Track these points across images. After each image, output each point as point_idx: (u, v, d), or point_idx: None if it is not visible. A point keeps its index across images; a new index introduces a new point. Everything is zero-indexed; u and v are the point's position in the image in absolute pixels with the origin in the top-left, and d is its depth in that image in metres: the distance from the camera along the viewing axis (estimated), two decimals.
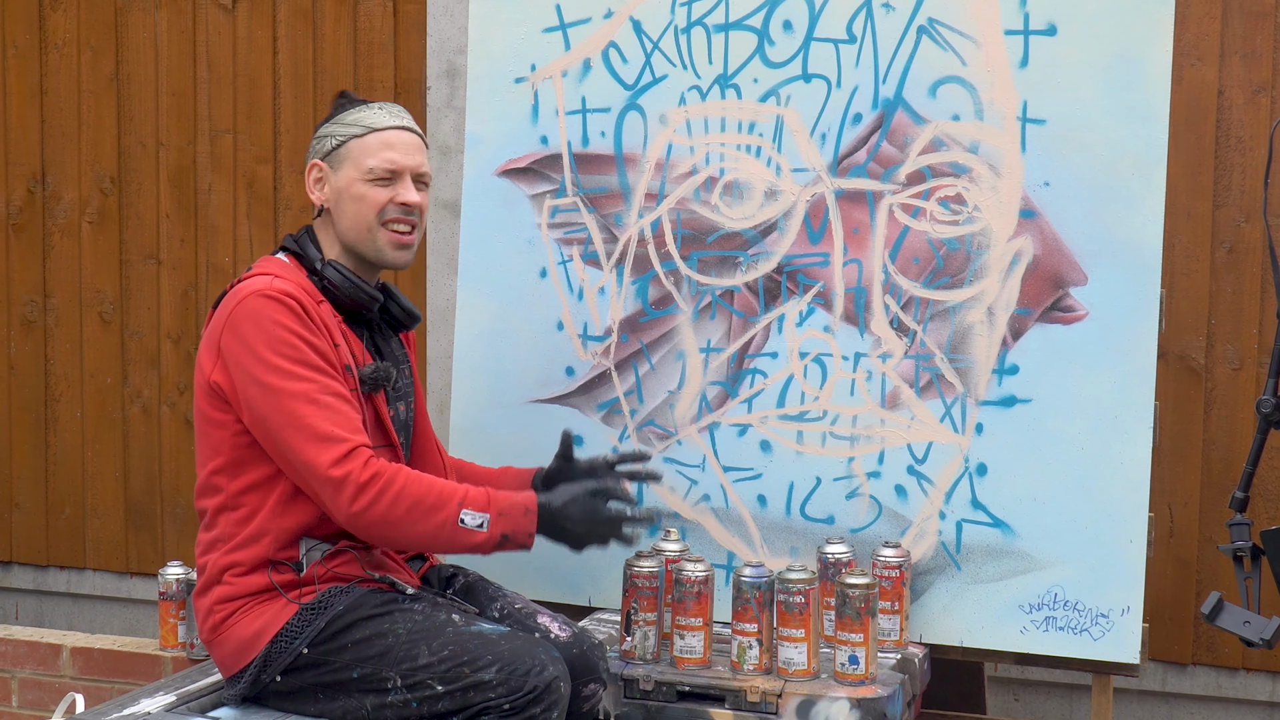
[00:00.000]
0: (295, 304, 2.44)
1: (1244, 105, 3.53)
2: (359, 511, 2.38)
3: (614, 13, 3.20)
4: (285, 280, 2.49)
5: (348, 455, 2.37)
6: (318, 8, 4.25)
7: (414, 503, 2.39)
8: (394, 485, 2.38)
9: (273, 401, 2.40)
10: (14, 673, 3.68)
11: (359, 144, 2.58)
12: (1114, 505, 2.87)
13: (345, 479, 2.36)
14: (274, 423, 2.40)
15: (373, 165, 2.57)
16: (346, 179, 2.58)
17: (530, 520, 2.44)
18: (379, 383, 2.55)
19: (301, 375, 2.40)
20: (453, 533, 2.41)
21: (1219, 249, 3.57)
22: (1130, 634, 2.87)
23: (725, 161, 3.13)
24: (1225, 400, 3.58)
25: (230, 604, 2.50)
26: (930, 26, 3.00)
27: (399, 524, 2.40)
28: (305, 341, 2.43)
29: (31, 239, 4.57)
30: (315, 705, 2.48)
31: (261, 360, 2.41)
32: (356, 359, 2.55)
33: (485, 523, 2.41)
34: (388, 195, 2.58)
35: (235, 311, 2.45)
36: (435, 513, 2.40)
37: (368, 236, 2.58)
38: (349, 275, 2.57)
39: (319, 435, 2.38)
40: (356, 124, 2.59)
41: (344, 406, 2.42)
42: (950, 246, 2.99)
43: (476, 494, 2.43)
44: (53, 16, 4.50)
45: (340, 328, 2.55)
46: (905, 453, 3.01)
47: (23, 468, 4.62)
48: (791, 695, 2.68)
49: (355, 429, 2.42)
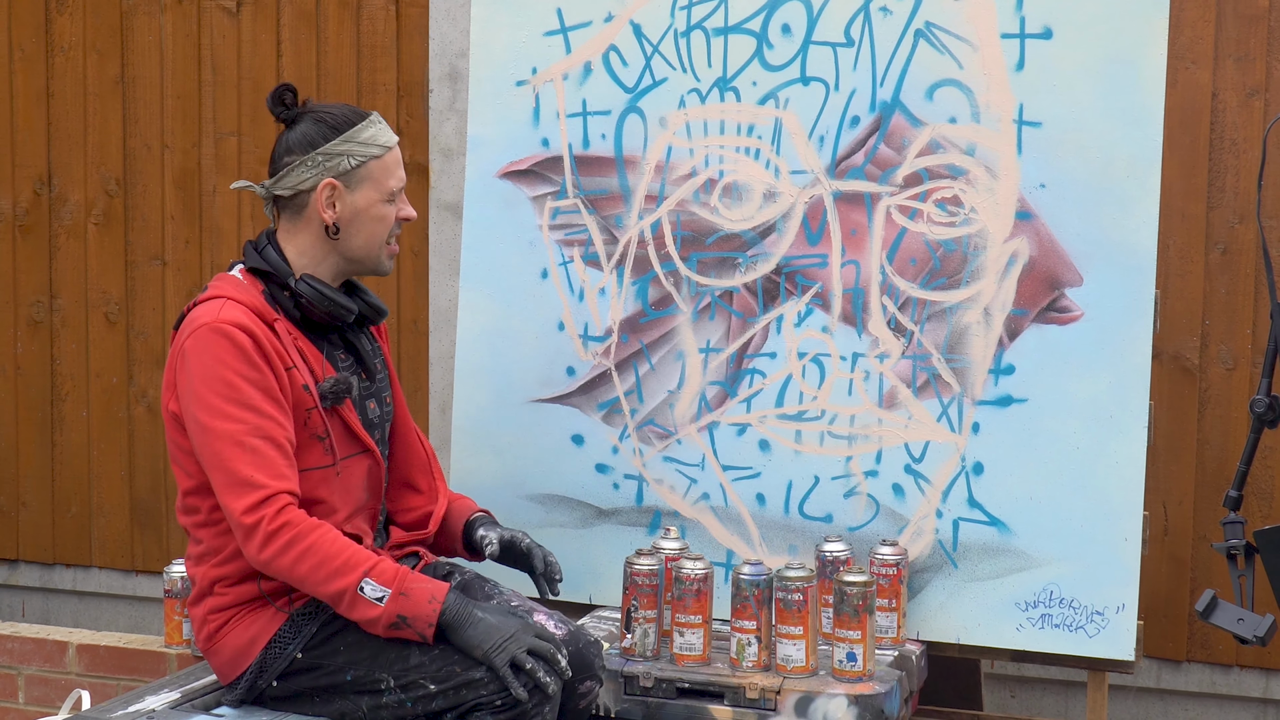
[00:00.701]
0: (243, 336, 2.41)
1: (1238, 108, 3.53)
2: (265, 560, 2.37)
3: (614, 16, 3.20)
4: (237, 305, 2.45)
5: (262, 502, 2.36)
6: (321, 11, 4.25)
7: (317, 563, 2.36)
8: (303, 540, 2.36)
9: (204, 439, 2.40)
10: (20, 669, 3.68)
11: (379, 165, 2.56)
12: (1109, 504, 2.87)
13: (256, 525, 2.36)
14: (205, 461, 2.42)
15: (394, 186, 2.58)
16: (367, 200, 2.56)
17: (433, 609, 2.37)
18: (340, 394, 2.52)
19: (233, 415, 2.38)
20: (351, 601, 2.36)
21: (1213, 250, 3.56)
22: (1125, 631, 2.87)
23: (724, 164, 3.13)
24: (1219, 400, 3.57)
25: (223, 613, 2.50)
26: (927, 30, 3.00)
27: (301, 580, 2.38)
28: (244, 378, 2.40)
29: (38, 240, 4.57)
30: (312, 708, 2.48)
31: (198, 398, 2.40)
32: (316, 374, 2.52)
33: (384, 598, 2.36)
34: (394, 212, 2.60)
35: (185, 344, 2.44)
36: (337, 577, 2.36)
37: (376, 253, 2.60)
38: (325, 291, 2.53)
39: (238, 480, 2.37)
40: (372, 143, 2.56)
41: (270, 451, 2.39)
42: (947, 248, 2.99)
43: (387, 567, 2.38)
44: (59, 20, 4.50)
45: (296, 345, 2.51)
46: (902, 452, 3.01)
47: (29, 466, 4.62)
48: (790, 692, 2.68)
49: (278, 475, 2.39)
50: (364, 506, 2.60)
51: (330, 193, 2.54)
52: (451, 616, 2.39)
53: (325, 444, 2.49)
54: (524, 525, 3.19)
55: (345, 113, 2.59)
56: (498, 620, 2.41)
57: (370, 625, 2.39)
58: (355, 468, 2.56)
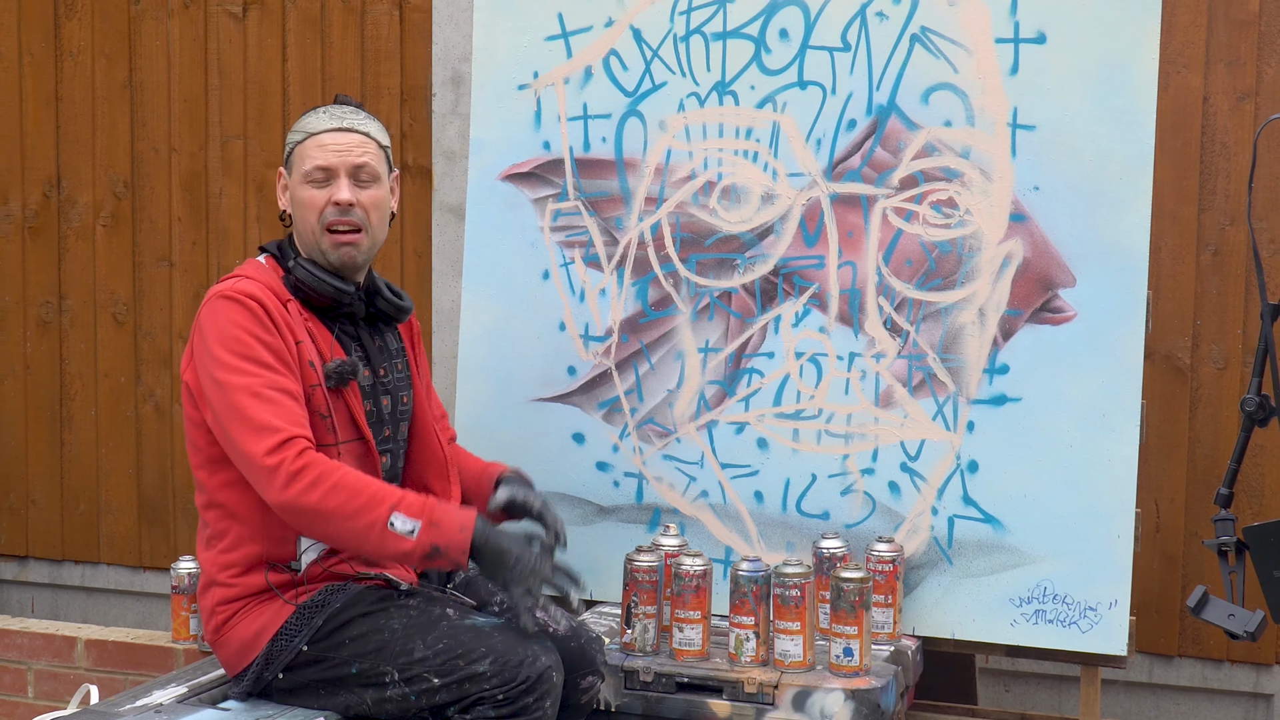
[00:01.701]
0: (254, 303, 2.44)
1: (1228, 112, 3.53)
2: (289, 499, 2.34)
3: (615, 21, 3.20)
4: (252, 281, 2.49)
5: (282, 444, 2.35)
6: (326, 16, 4.25)
7: (345, 498, 2.34)
8: (328, 478, 2.34)
9: (221, 395, 2.40)
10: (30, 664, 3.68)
11: (300, 149, 2.57)
12: (1102, 501, 2.87)
13: (278, 466, 2.34)
14: (222, 416, 2.40)
15: (307, 169, 2.55)
16: (295, 184, 2.58)
17: (465, 536, 2.37)
18: (345, 376, 2.52)
19: (248, 370, 2.40)
20: (381, 535, 2.34)
21: (1204, 252, 3.56)
22: (1118, 627, 2.87)
23: (723, 166, 3.13)
24: (1210, 399, 3.57)
25: (230, 605, 2.49)
26: (923, 35, 3.00)
27: (328, 517, 2.35)
28: (257, 339, 2.42)
29: (47, 242, 4.57)
30: (318, 701, 2.48)
31: (214, 357, 2.42)
32: (324, 354, 2.53)
33: (416, 530, 2.34)
34: (325, 196, 2.55)
35: (201, 314, 2.49)
36: (366, 512, 2.34)
37: (314, 240, 2.56)
38: (314, 272, 2.54)
39: (257, 425, 2.36)
40: (300, 130, 2.59)
41: (287, 401, 2.41)
42: (942, 249, 2.99)
43: (413, 499, 2.38)
44: (68, 25, 4.50)
45: (307, 325, 2.52)
46: (898, 450, 3.01)
47: (38, 465, 4.62)
48: (788, 686, 2.68)
49: (296, 422, 2.39)
50: None
51: (283, 182, 2.62)
52: (480, 544, 2.39)
53: (327, 423, 2.49)
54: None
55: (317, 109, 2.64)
56: (520, 550, 2.41)
57: (405, 559, 2.38)
58: (352, 454, 2.55)
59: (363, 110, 2.64)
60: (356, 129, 2.59)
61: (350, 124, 2.59)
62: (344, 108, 2.62)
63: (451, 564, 2.39)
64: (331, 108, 2.61)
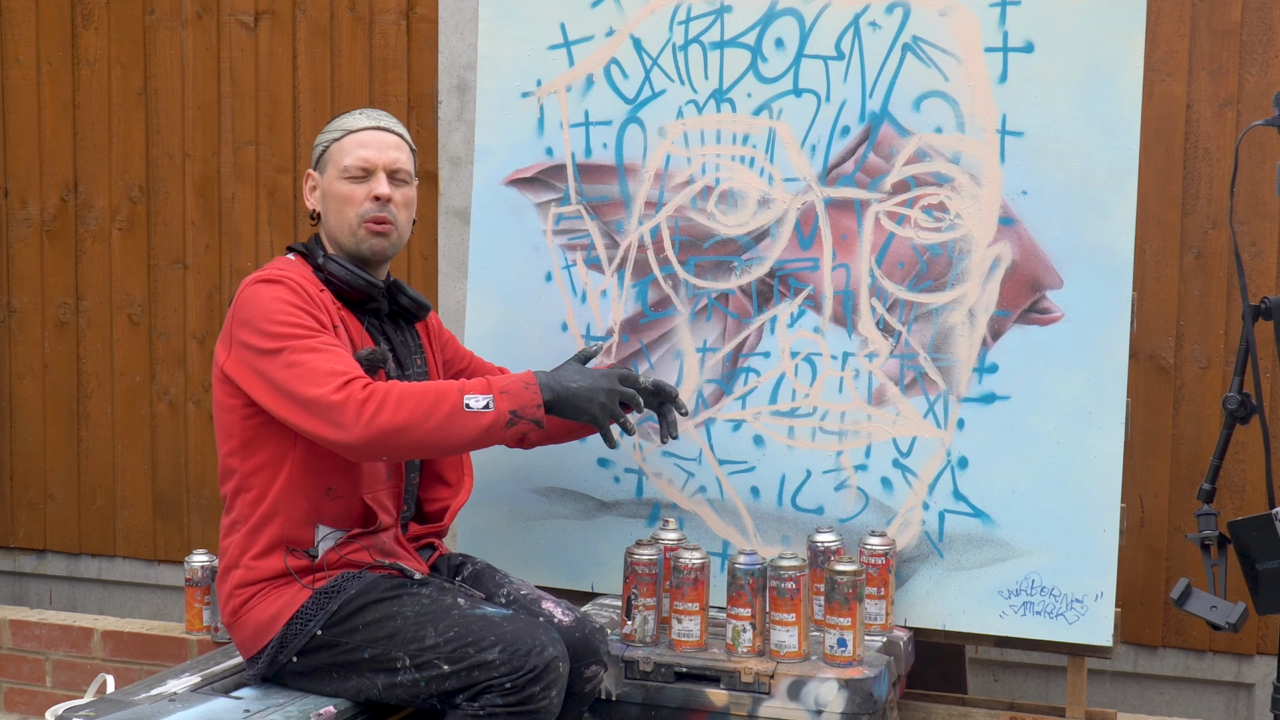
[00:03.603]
0: (294, 283, 2.48)
1: (1211, 118, 3.53)
2: (366, 423, 2.34)
3: (615, 31, 3.20)
4: (286, 271, 2.52)
5: (346, 383, 2.37)
6: (335, 26, 4.25)
7: (415, 403, 2.37)
8: (391, 394, 2.37)
9: (276, 361, 2.40)
10: (48, 655, 3.68)
11: (337, 146, 2.62)
12: (1088, 496, 2.87)
13: (347, 400, 2.35)
14: (279, 378, 2.40)
15: (348, 164, 2.59)
16: (329, 181, 2.62)
17: (534, 392, 2.43)
18: (375, 364, 2.54)
19: (299, 335, 2.42)
20: (462, 421, 2.38)
21: (1187, 254, 3.56)
22: (1103, 618, 2.87)
23: (720, 171, 3.13)
24: (1193, 397, 3.57)
25: (249, 589, 2.50)
26: (914, 44, 3.00)
27: (408, 427, 2.36)
28: (303, 310, 2.45)
29: (64, 245, 4.57)
30: (330, 685, 2.48)
31: (262, 331, 2.42)
32: (355, 342, 2.56)
33: (490, 403, 2.39)
34: (364, 191, 2.60)
35: (238, 300, 2.50)
36: (439, 405, 2.38)
37: (351, 234, 2.60)
38: (348, 266, 2.58)
39: (320, 372, 2.37)
40: (336, 129, 2.64)
41: (343, 353, 2.43)
42: (933, 252, 2.99)
43: (474, 382, 2.44)
44: (84, 34, 4.50)
45: (340, 314, 2.56)
46: (891, 447, 3.01)
47: (56, 461, 4.62)
48: (783, 676, 2.68)
49: (355, 367, 2.42)
50: (384, 481, 2.60)
51: (311, 182, 2.67)
52: (550, 395, 2.46)
53: None
54: (529, 516, 3.20)
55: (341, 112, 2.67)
56: (588, 384, 2.50)
57: (490, 431, 2.41)
58: None
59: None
60: (393, 130, 2.67)
61: (387, 125, 2.66)
62: (378, 111, 2.69)
63: (531, 423, 2.43)
64: (367, 110, 2.68)
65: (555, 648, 2.39)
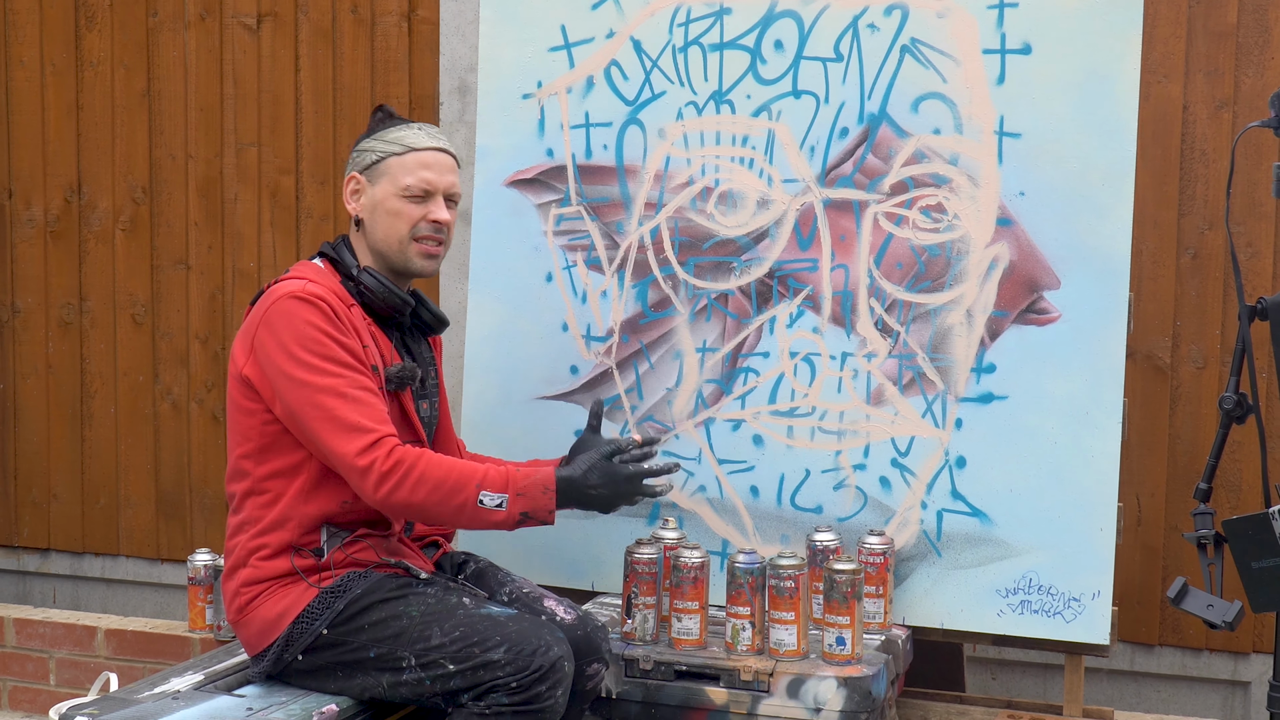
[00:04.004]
0: (326, 306, 2.45)
1: (1207, 120, 3.53)
2: (384, 497, 2.38)
3: (615, 33, 3.20)
4: (318, 285, 2.49)
5: (373, 445, 2.37)
6: (337, 28, 4.25)
7: (434, 486, 2.38)
8: (415, 471, 2.37)
9: (304, 395, 2.40)
10: (52, 653, 3.68)
11: (398, 162, 2.58)
12: (1085, 496, 2.87)
13: (370, 467, 2.36)
14: (305, 415, 2.40)
15: (410, 183, 2.57)
16: (383, 193, 2.58)
17: (549, 498, 2.43)
18: (405, 381, 2.55)
19: (331, 371, 2.41)
20: (474, 513, 2.40)
21: (1184, 255, 3.57)
22: (1100, 617, 2.87)
23: (720, 173, 3.13)
24: (1190, 397, 3.57)
25: (255, 587, 2.50)
26: (913, 46, 3.00)
27: (422, 507, 2.40)
28: (335, 340, 2.43)
29: (68, 245, 4.57)
30: (335, 683, 2.48)
31: (293, 357, 2.41)
32: (384, 359, 2.55)
33: (504, 503, 2.40)
34: (421, 212, 2.58)
35: (270, 311, 2.46)
36: (455, 495, 2.39)
37: (398, 248, 2.58)
38: (384, 281, 2.57)
39: (346, 426, 2.38)
40: (397, 142, 2.59)
41: (371, 399, 2.42)
42: (931, 252, 2.99)
43: (495, 475, 2.42)
44: (88, 36, 4.50)
45: (370, 330, 2.55)
46: (889, 446, 3.01)
47: (60, 460, 4.62)
48: (782, 674, 2.68)
49: (381, 420, 2.41)
50: None
51: (354, 185, 2.61)
52: (567, 503, 2.46)
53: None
54: None
55: (388, 119, 2.65)
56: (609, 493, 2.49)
57: (498, 527, 2.43)
58: None
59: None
60: (451, 151, 2.65)
61: (446, 146, 2.64)
62: (434, 128, 2.65)
63: (540, 523, 2.45)
64: (425, 126, 2.63)
65: (560, 647, 2.39)
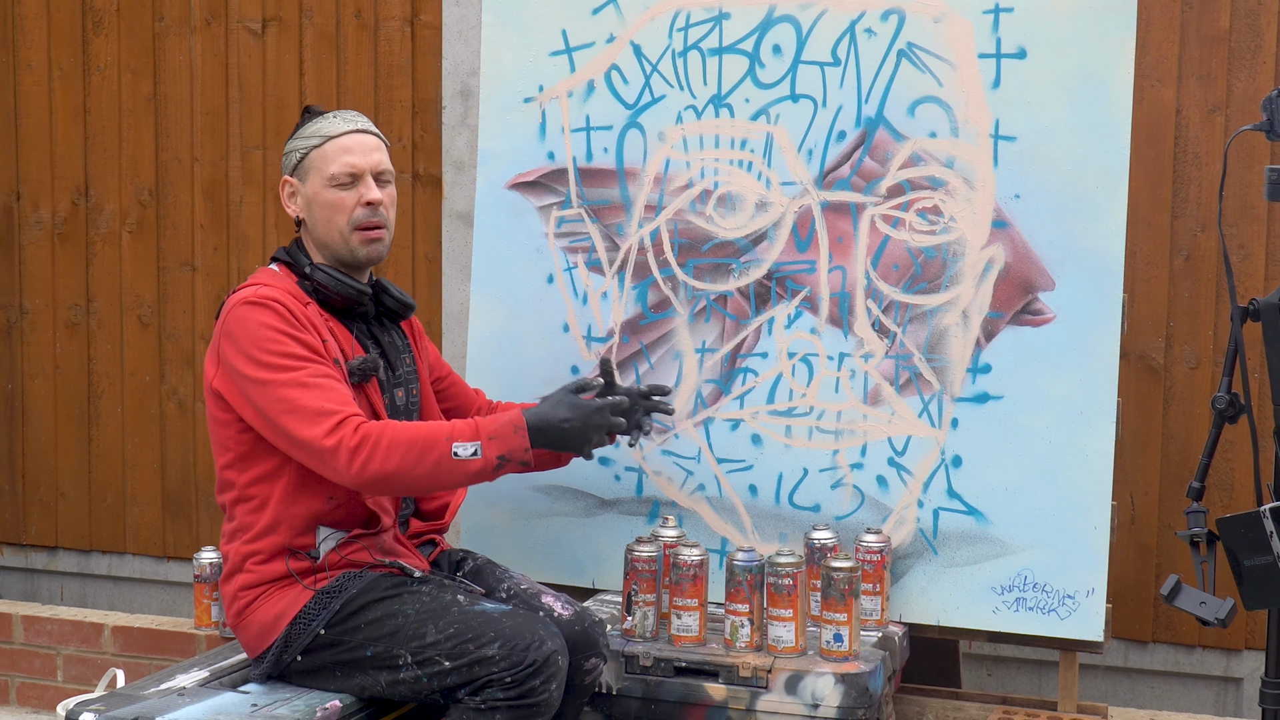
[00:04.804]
0: (280, 305, 2.44)
1: (1200, 124, 3.53)
2: (358, 472, 2.36)
3: (616, 37, 3.20)
4: (271, 287, 2.49)
5: (338, 425, 2.36)
6: (341, 33, 4.25)
7: (405, 450, 2.36)
8: (384, 440, 2.36)
9: (267, 394, 2.39)
10: (59, 650, 3.69)
11: (319, 154, 2.57)
12: (1079, 494, 2.87)
13: (339, 446, 2.35)
14: (271, 412, 2.39)
15: (334, 171, 2.55)
16: (314, 189, 2.57)
17: (522, 436, 2.42)
18: (368, 372, 2.54)
19: (290, 366, 2.40)
20: (451, 467, 2.38)
21: (1177, 257, 3.57)
22: (1094, 614, 2.87)
23: (719, 175, 3.13)
24: (1183, 397, 3.58)
25: (252, 591, 2.50)
26: (909, 50, 3.00)
27: (398, 474, 2.37)
28: (291, 336, 2.42)
29: (75, 247, 4.57)
30: (334, 682, 2.48)
31: (253, 360, 2.41)
32: (346, 353, 2.54)
33: (478, 449, 2.38)
34: (354, 197, 2.56)
35: (228, 320, 2.46)
36: (428, 454, 2.37)
37: (341, 241, 2.57)
38: (336, 275, 2.56)
39: (311, 412, 2.37)
40: (315, 135, 2.58)
41: (333, 384, 2.41)
42: (928, 254, 2.99)
43: (463, 426, 2.41)
44: (95, 41, 4.50)
45: (328, 325, 2.53)
46: (886, 445, 3.01)
47: (67, 459, 4.62)
48: (780, 671, 2.68)
49: (345, 402, 2.40)
50: None
51: (289, 189, 2.61)
52: (541, 440, 2.45)
53: None
54: (531, 513, 3.20)
55: (312, 114, 2.62)
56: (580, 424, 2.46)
57: (479, 476, 2.41)
58: None
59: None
60: (371, 130, 2.63)
61: (365, 126, 2.62)
62: (351, 111, 2.63)
63: (520, 465, 2.42)
64: (340, 112, 2.61)
65: (554, 642, 2.40)
